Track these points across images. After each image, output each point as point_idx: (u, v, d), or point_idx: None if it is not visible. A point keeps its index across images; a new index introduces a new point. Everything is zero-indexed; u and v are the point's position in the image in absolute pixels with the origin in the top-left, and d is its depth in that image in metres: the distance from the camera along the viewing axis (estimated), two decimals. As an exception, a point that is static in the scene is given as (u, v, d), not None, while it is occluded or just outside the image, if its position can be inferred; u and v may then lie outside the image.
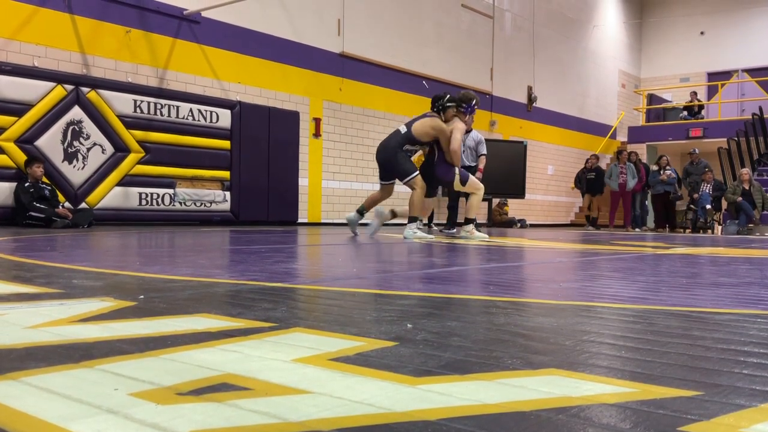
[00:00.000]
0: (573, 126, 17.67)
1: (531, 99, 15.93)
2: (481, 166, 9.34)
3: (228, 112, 9.93)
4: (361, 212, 7.14)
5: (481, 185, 6.96)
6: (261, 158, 10.31)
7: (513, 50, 15.74)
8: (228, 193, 9.91)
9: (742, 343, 1.39)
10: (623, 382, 1.03)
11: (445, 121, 7.00)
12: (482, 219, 14.30)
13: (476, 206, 6.98)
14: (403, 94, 12.98)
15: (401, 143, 6.77)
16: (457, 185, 6.91)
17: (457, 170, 6.87)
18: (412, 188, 6.92)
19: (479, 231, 7.23)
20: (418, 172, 6.93)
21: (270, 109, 10.53)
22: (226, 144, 9.89)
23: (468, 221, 7.00)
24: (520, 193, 14.00)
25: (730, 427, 0.81)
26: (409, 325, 1.49)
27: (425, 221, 7.27)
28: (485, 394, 0.94)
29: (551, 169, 16.77)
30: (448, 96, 7.06)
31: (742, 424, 0.82)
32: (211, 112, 9.71)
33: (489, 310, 1.80)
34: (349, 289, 2.17)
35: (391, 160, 6.82)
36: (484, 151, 9.45)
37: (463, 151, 9.02)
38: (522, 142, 14.21)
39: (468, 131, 9.08)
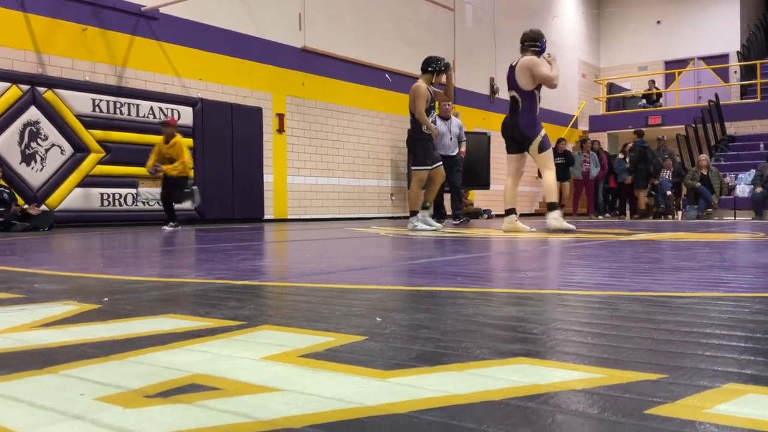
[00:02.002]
0: (541, 117, 17.84)
1: (493, 90, 16.03)
2: (463, 149, 9.59)
3: (189, 109, 9.80)
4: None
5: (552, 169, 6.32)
6: (225, 155, 10.21)
7: (474, 42, 15.82)
8: (192, 192, 9.78)
9: (704, 326, 1.42)
10: (590, 368, 1.04)
11: (435, 83, 7.12)
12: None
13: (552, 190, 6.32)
14: (366, 88, 12.97)
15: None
16: (534, 147, 6.25)
17: (542, 132, 6.30)
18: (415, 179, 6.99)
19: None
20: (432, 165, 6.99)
21: (232, 105, 10.43)
22: (188, 142, 9.74)
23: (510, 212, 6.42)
24: (484, 183, 14.10)
25: (695, 408, 0.83)
26: (378, 318, 1.49)
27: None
28: (454, 385, 0.94)
29: (515, 160, 16.90)
30: (444, 60, 7.15)
31: (705, 405, 0.84)
32: (172, 109, 9.57)
33: (457, 301, 1.81)
34: (317, 285, 2.17)
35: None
36: (464, 138, 9.72)
37: (450, 138, 9.06)
38: (486, 133, 14.31)
39: (446, 118, 9.13)
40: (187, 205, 8.74)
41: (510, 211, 6.44)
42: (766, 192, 12.41)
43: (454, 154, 9.17)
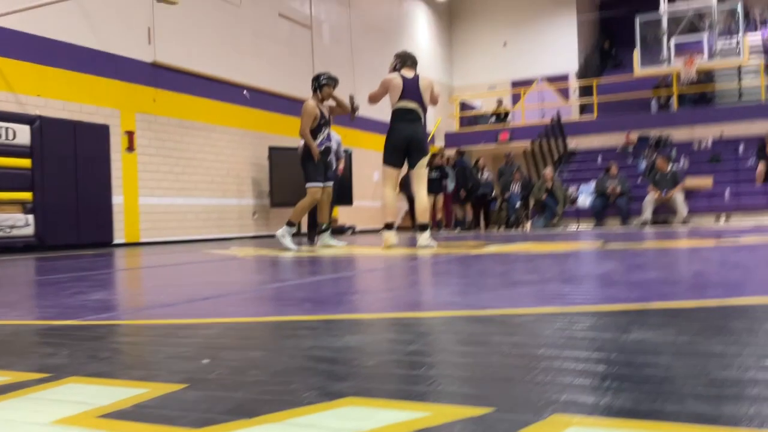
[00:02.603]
0: (394, 133, 18.22)
1: (353, 108, 16.18)
2: (342, 166, 9.41)
3: (27, 127, 9.02)
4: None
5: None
6: (68, 176, 9.49)
7: (333, 60, 15.90)
8: (31, 216, 9.00)
9: (537, 346, 1.44)
10: (417, 405, 0.99)
11: (322, 100, 7.06)
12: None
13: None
14: (224, 104, 12.63)
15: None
16: (425, 161, 6.43)
17: None
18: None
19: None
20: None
21: (76, 123, 9.74)
22: (26, 162, 8.97)
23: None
24: (348, 200, 14.18)
25: (513, 448, 0.80)
26: (205, 360, 1.38)
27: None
28: (270, 440, 0.86)
29: (377, 176, 17.16)
30: (326, 75, 7.12)
31: (524, 444, 0.81)
32: (6, 128, 8.76)
33: (298, 333, 1.73)
34: (149, 322, 2.00)
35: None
36: (342, 154, 9.53)
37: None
38: (347, 150, 14.39)
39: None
40: None
41: (391, 225, 6.46)
42: (604, 201, 13.42)
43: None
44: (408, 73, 6.49)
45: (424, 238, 6.19)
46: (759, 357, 1.27)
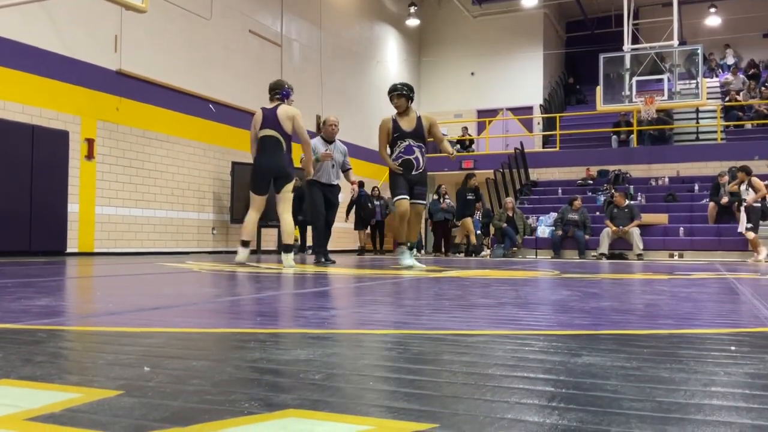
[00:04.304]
0: (362, 156, 18.26)
1: (319, 128, 16.18)
2: (353, 179, 8.69)
3: (-20, 128, 8.80)
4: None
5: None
6: (22, 181, 9.25)
7: (302, 79, 15.92)
8: (-21, 221, 8.73)
9: (487, 366, 1.42)
10: (360, 419, 0.97)
11: (399, 113, 6.83)
12: (273, 246, 14.15)
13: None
14: (188, 117, 12.51)
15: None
16: (289, 187, 6.78)
17: None
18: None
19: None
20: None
21: (34, 127, 9.52)
22: (-24, 165, 8.73)
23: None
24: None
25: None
26: (146, 368, 1.33)
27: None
28: (203, 448, 0.82)
29: (341, 197, 17.13)
30: (391, 87, 6.89)
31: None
32: (-41, 128, 8.53)
33: (246, 345, 1.68)
34: (91, 328, 1.93)
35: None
36: (350, 165, 8.46)
37: (332, 165, 8.04)
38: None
39: (331, 141, 8.14)
40: None
41: (246, 243, 6.81)
42: (563, 233, 13.61)
43: (335, 183, 8.15)
44: (269, 105, 6.77)
45: (288, 258, 6.46)
46: (705, 384, 1.27)
